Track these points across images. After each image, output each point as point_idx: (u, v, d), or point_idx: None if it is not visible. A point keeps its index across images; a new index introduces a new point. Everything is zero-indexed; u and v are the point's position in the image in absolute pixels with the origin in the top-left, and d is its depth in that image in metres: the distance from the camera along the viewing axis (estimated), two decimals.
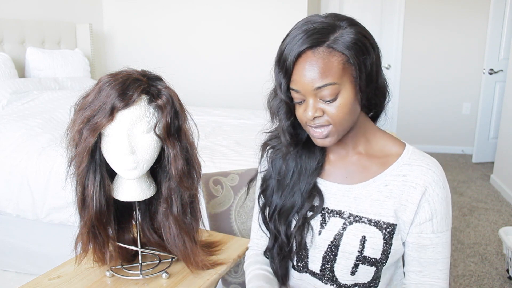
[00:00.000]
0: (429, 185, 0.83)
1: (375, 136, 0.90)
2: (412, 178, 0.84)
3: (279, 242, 0.92)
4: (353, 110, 0.80)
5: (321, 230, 0.88)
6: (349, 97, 0.77)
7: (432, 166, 0.84)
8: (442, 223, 0.85)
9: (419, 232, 0.85)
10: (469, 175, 3.80)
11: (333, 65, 0.75)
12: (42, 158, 1.96)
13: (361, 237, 0.84)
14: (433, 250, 0.85)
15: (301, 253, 0.91)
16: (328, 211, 0.88)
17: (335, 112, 0.78)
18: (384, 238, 0.84)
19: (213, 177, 1.37)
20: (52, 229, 2.04)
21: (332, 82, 0.75)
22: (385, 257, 0.85)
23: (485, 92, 4.00)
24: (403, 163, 0.86)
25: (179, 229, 0.96)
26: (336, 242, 0.86)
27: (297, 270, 0.93)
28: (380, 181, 0.86)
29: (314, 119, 0.80)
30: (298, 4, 3.50)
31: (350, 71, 0.76)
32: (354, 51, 0.75)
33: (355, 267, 0.85)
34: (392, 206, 0.84)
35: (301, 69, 0.76)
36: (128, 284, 0.97)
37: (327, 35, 0.75)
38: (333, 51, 0.75)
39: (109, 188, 0.92)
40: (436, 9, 4.30)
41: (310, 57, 0.75)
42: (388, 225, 0.84)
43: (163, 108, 0.87)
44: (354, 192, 0.88)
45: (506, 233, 2.14)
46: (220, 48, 3.75)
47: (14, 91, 2.50)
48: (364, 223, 0.85)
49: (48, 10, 3.25)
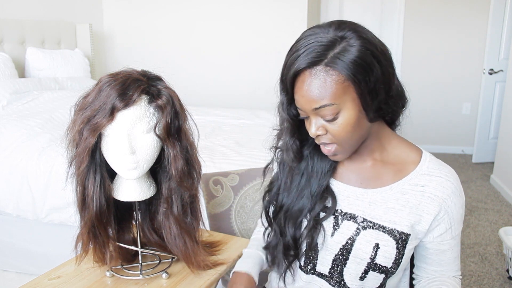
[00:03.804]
0: (448, 197, 0.84)
1: (391, 143, 0.88)
2: (431, 190, 0.84)
3: (284, 242, 0.91)
4: (357, 127, 0.77)
5: (333, 232, 0.87)
6: (351, 116, 0.75)
7: (450, 177, 0.85)
8: (457, 227, 0.88)
9: (440, 240, 0.87)
10: (469, 175, 3.80)
11: (331, 85, 0.72)
12: (42, 158, 1.96)
13: (374, 244, 0.83)
14: (451, 251, 0.90)
15: (310, 253, 0.90)
16: (341, 213, 0.87)
17: (337, 131, 0.77)
18: (397, 248, 0.83)
19: (213, 177, 1.37)
20: (52, 229, 2.04)
21: (329, 103, 0.73)
22: (396, 266, 0.84)
23: (485, 92, 4.00)
24: (422, 173, 0.85)
25: (180, 229, 0.96)
26: (348, 246, 0.85)
27: (304, 271, 0.92)
28: (397, 189, 0.85)
29: (318, 137, 0.79)
30: (298, 4, 3.50)
31: (351, 90, 0.73)
32: (353, 71, 0.71)
33: (365, 273, 0.85)
34: (407, 216, 0.84)
35: (299, 89, 0.75)
36: (128, 284, 0.97)
37: (326, 53, 0.71)
38: (331, 70, 0.71)
39: (109, 188, 0.92)
40: (436, 9, 4.29)
41: (307, 77, 0.73)
42: (402, 234, 0.83)
43: (163, 108, 0.86)
44: (368, 197, 0.87)
45: (506, 233, 2.14)
46: (220, 48, 3.74)
47: (14, 91, 2.49)
48: (378, 230, 0.84)
49: (48, 10, 3.25)
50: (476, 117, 4.24)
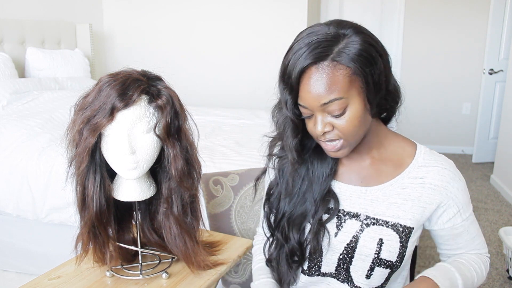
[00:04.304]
0: (448, 184, 0.85)
1: (387, 138, 0.89)
2: (430, 180, 0.85)
3: (286, 251, 0.90)
4: (363, 121, 0.78)
5: (337, 232, 0.87)
6: (357, 109, 0.76)
7: (446, 165, 0.87)
8: (467, 208, 0.89)
9: (452, 225, 0.89)
10: (469, 175, 3.80)
11: (339, 80, 0.72)
12: (42, 158, 1.96)
13: (378, 240, 0.84)
14: (467, 232, 0.90)
15: (314, 256, 0.89)
16: (344, 213, 0.88)
17: (345, 126, 0.76)
18: (401, 241, 0.84)
19: (213, 177, 1.37)
20: (52, 229, 2.04)
21: (338, 97, 0.73)
22: (400, 260, 0.85)
23: (485, 92, 4.00)
24: (419, 165, 0.87)
25: (180, 229, 0.96)
26: (352, 244, 0.86)
27: (307, 274, 0.92)
28: (397, 184, 0.86)
29: (325, 134, 0.79)
30: (298, 4, 3.50)
31: (357, 83, 0.74)
32: (359, 63, 0.72)
33: (371, 269, 0.86)
34: (410, 209, 0.85)
35: (306, 85, 0.74)
36: (128, 284, 0.97)
37: (331, 48, 0.72)
38: (338, 64, 0.72)
39: (109, 188, 0.92)
40: (436, 9, 4.29)
41: (314, 73, 0.73)
42: (405, 228, 0.85)
43: (163, 108, 0.86)
44: (370, 195, 0.87)
45: (506, 233, 2.14)
46: (220, 48, 3.74)
47: (14, 91, 2.49)
48: (381, 225, 0.85)
49: (48, 10, 3.25)
50: (476, 117, 4.24)
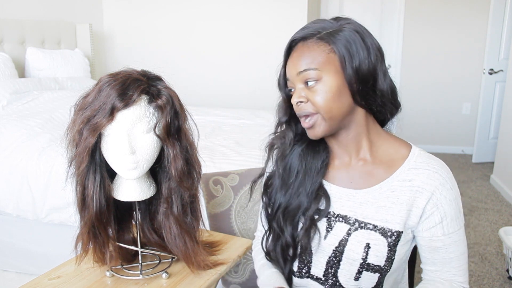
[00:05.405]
0: (436, 189, 0.82)
1: (379, 138, 0.88)
2: (419, 183, 0.83)
3: (282, 243, 0.90)
4: (338, 99, 0.80)
5: (326, 234, 0.87)
6: (332, 85, 0.79)
7: (438, 169, 0.83)
8: (452, 224, 0.84)
9: (430, 236, 0.84)
10: (469, 175, 3.80)
11: (317, 53, 0.79)
12: (42, 158, 1.96)
13: (365, 244, 0.83)
14: (445, 250, 0.85)
15: (304, 257, 0.90)
16: (334, 215, 0.88)
17: (317, 98, 0.80)
18: (389, 246, 0.83)
19: (213, 177, 1.37)
20: (52, 229, 2.04)
21: (312, 68, 0.79)
22: (389, 264, 0.84)
23: (485, 92, 4.00)
24: (409, 167, 0.84)
25: (180, 229, 0.96)
26: (340, 247, 0.85)
27: (298, 276, 0.92)
28: (386, 187, 0.85)
29: (299, 105, 0.82)
30: (298, 4, 3.50)
31: (335, 62, 0.79)
32: (340, 44, 0.79)
33: (359, 273, 0.85)
34: (398, 213, 0.83)
35: (290, 58, 0.84)
36: (128, 284, 0.97)
37: (321, 31, 0.81)
38: (321, 41, 0.80)
39: (109, 188, 0.92)
40: (436, 9, 4.30)
41: (299, 47, 0.82)
42: (393, 232, 0.83)
43: (163, 108, 0.86)
44: (359, 198, 0.86)
45: (506, 233, 2.14)
46: (220, 48, 3.74)
47: (14, 91, 2.49)
48: (369, 229, 0.84)
49: (48, 10, 3.25)
50: (476, 117, 4.24)
